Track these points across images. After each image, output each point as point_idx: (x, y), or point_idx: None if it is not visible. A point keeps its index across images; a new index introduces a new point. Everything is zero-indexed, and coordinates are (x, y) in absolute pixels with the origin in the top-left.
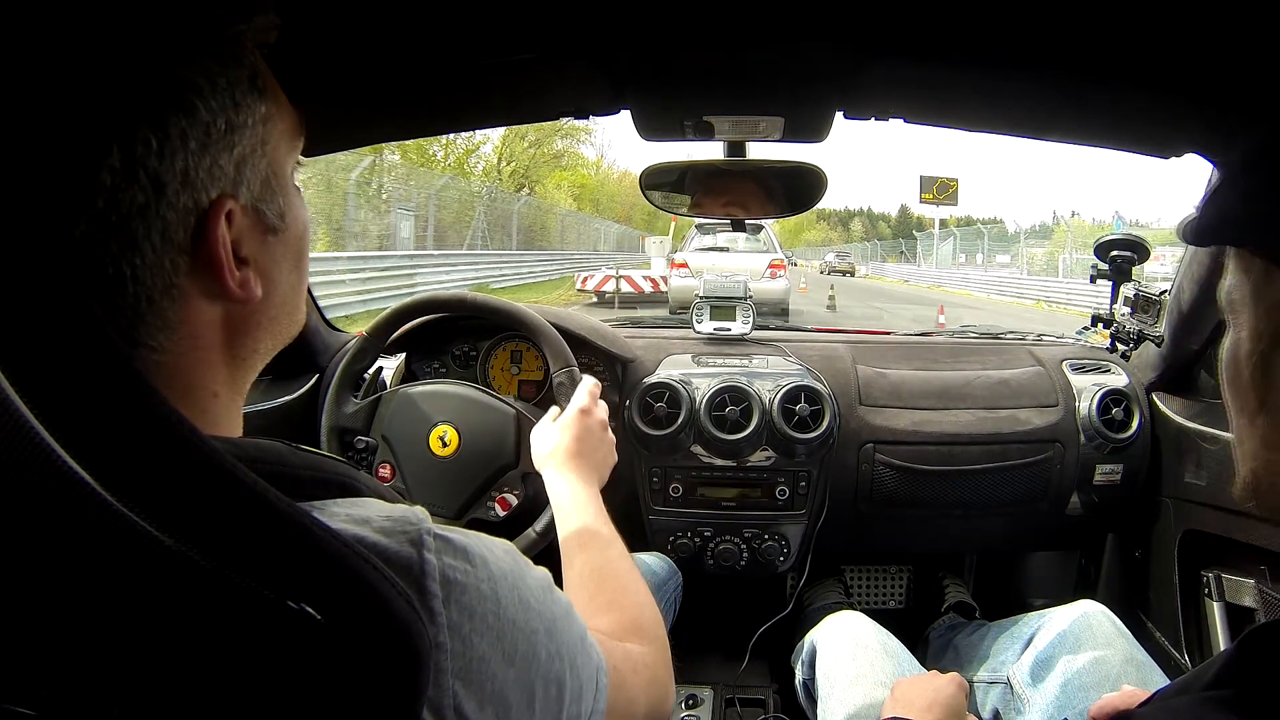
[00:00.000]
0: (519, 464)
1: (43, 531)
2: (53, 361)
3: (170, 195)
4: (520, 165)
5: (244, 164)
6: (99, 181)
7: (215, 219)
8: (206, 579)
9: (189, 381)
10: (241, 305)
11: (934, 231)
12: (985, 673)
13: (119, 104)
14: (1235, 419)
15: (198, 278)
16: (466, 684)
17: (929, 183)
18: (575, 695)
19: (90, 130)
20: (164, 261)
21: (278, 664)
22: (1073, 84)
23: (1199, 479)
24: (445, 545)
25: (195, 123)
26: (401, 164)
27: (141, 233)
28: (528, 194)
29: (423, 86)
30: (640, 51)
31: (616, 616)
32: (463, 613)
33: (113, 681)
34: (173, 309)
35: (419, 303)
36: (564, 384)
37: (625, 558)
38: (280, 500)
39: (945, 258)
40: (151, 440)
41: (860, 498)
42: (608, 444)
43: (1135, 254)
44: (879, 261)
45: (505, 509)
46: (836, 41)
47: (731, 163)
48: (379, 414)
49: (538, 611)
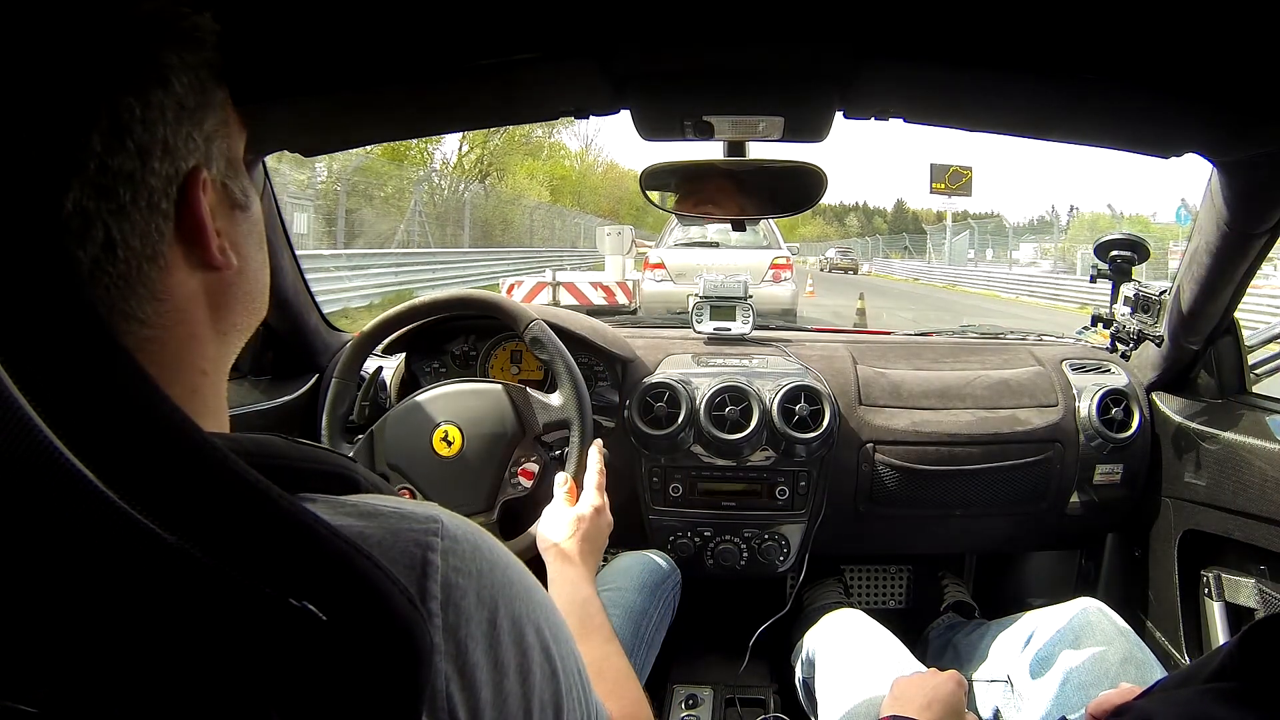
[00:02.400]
0: (526, 432)
1: (44, 529)
2: (50, 354)
3: (154, 162)
4: (485, 152)
5: (211, 141)
6: (90, 146)
7: (194, 187)
8: (208, 576)
9: (179, 358)
10: (219, 275)
11: (947, 224)
12: (985, 671)
13: (105, 74)
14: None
15: (181, 246)
16: (459, 685)
17: (940, 171)
18: (570, 712)
19: (81, 97)
20: (150, 228)
21: (279, 662)
22: (1073, 84)
23: (1199, 479)
24: (455, 545)
25: (170, 95)
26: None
27: (129, 198)
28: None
29: (422, 86)
30: (640, 51)
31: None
32: (461, 615)
33: (114, 679)
34: (159, 278)
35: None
36: (537, 338)
37: (622, 655)
38: (282, 497)
39: (959, 253)
40: (152, 436)
41: (860, 498)
42: (606, 530)
43: (1135, 254)
44: (882, 258)
45: (530, 479)
46: (836, 41)
47: (731, 162)
48: (377, 449)
49: (539, 622)
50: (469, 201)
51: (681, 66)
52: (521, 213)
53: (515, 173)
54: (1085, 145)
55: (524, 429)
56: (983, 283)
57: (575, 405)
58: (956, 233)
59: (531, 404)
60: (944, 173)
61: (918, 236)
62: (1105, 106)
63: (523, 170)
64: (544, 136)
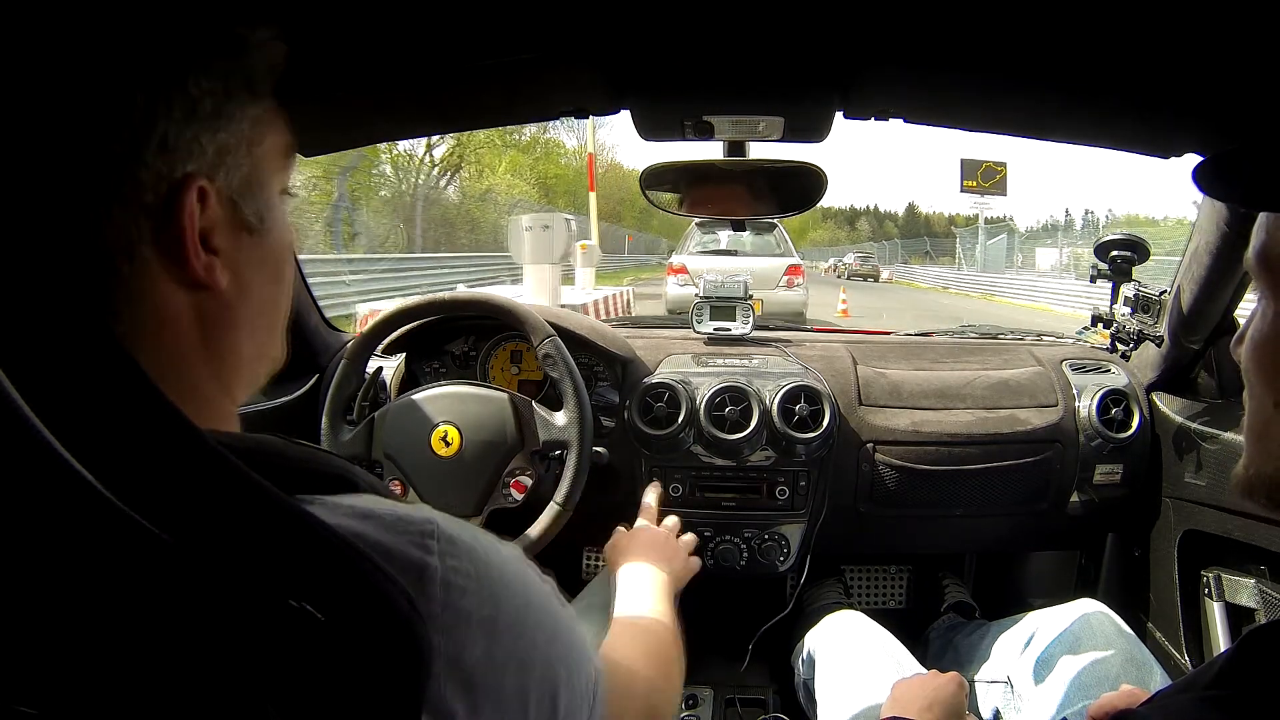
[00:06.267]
0: (524, 445)
1: (43, 529)
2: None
3: (147, 156)
4: (458, 144)
5: (226, 153)
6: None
7: (186, 192)
8: (206, 576)
9: (159, 374)
10: (212, 296)
11: (979, 226)
12: (985, 672)
13: (122, 66)
14: (1261, 406)
15: (160, 251)
16: (458, 686)
17: (971, 168)
18: (570, 709)
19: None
20: (129, 220)
21: (278, 662)
22: (1073, 84)
23: (1199, 479)
24: (451, 547)
25: (182, 94)
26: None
27: (114, 184)
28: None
29: (422, 86)
30: (640, 51)
31: (648, 660)
32: (459, 616)
33: (114, 679)
34: (133, 278)
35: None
36: (550, 355)
37: (675, 638)
38: (281, 497)
39: (994, 258)
40: (151, 435)
41: (860, 498)
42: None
43: (1135, 254)
44: (901, 263)
45: (522, 491)
46: (836, 42)
47: (731, 162)
48: (376, 437)
49: (537, 621)
50: (424, 197)
51: (681, 67)
52: (493, 211)
53: (496, 167)
54: (1085, 145)
55: (523, 441)
56: (1027, 293)
57: (577, 430)
58: (990, 235)
59: (535, 418)
60: (975, 169)
61: (939, 240)
62: (1104, 106)
63: (504, 165)
64: (539, 133)
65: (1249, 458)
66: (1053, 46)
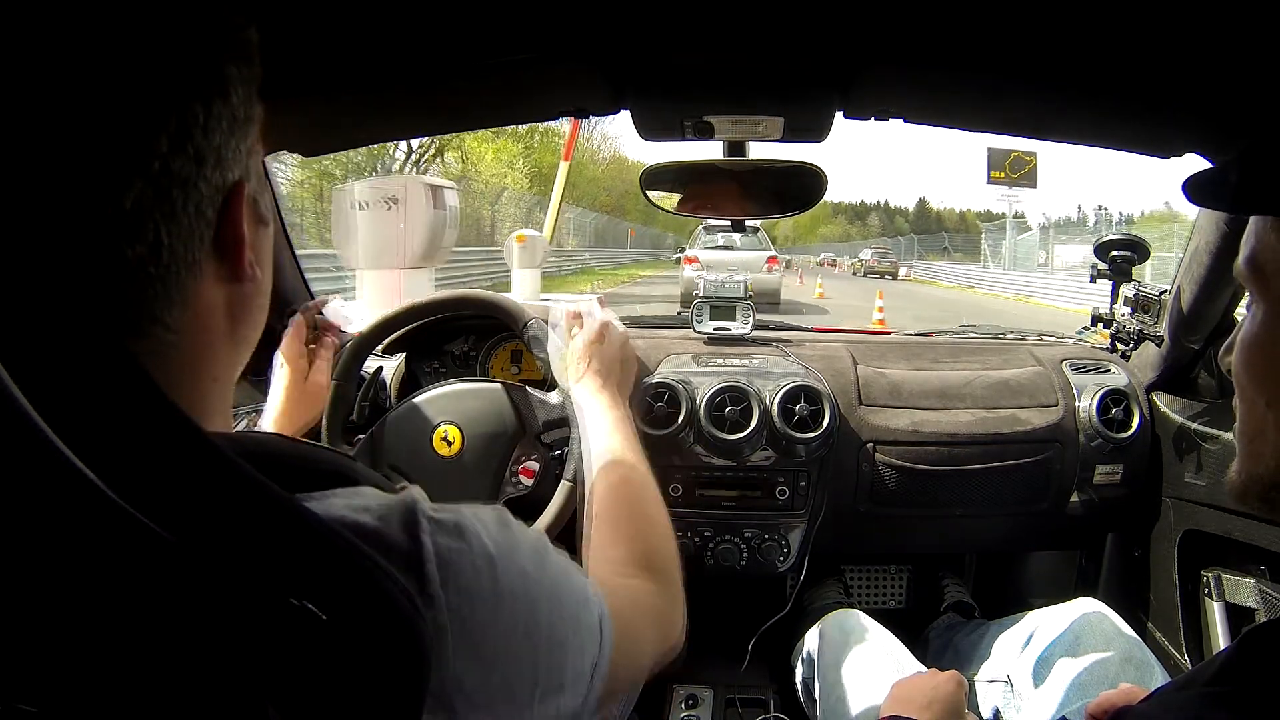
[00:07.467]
0: (526, 431)
1: (44, 527)
2: (49, 353)
3: (207, 170)
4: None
5: (251, 155)
6: (157, 146)
7: (238, 199)
8: (207, 575)
9: (194, 365)
10: (241, 288)
11: (1007, 220)
12: (985, 672)
13: (178, 80)
14: (1253, 409)
15: (214, 256)
16: (470, 660)
17: (999, 158)
18: (578, 652)
19: (154, 99)
20: (194, 233)
21: (279, 661)
22: (1073, 84)
23: (1199, 479)
24: (439, 526)
25: (228, 106)
26: None
27: (180, 202)
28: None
29: (423, 86)
30: (640, 51)
31: (631, 548)
32: (461, 594)
33: (114, 678)
34: (191, 285)
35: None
36: (536, 336)
37: (649, 485)
38: (283, 496)
39: (1024, 255)
40: (152, 434)
41: (860, 498)
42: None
43: (1135, 254)
44: (919, 259)
45: (530, 476)
46: (836, 42)
47: (731, 162)
48: (377, 451)
49: (536, 579)
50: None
51: (681, 67)
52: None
53: (483, 156)
54: (1085, 145)
55: (524, 427)
56: (1072, 295)
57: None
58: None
59: (531, 402)
60: (1004, 159)
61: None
62: (1105, 107)
63: (492, 153)
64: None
65: (1241, 461)
66: (1053, 46)
